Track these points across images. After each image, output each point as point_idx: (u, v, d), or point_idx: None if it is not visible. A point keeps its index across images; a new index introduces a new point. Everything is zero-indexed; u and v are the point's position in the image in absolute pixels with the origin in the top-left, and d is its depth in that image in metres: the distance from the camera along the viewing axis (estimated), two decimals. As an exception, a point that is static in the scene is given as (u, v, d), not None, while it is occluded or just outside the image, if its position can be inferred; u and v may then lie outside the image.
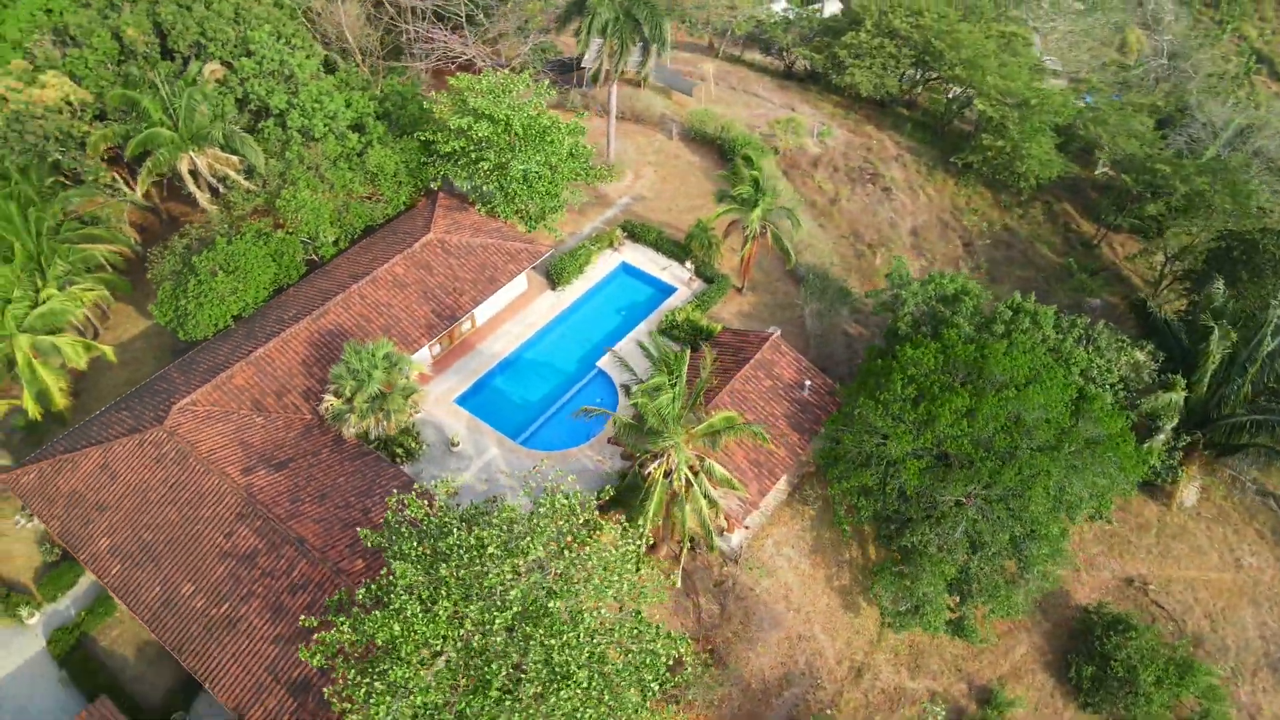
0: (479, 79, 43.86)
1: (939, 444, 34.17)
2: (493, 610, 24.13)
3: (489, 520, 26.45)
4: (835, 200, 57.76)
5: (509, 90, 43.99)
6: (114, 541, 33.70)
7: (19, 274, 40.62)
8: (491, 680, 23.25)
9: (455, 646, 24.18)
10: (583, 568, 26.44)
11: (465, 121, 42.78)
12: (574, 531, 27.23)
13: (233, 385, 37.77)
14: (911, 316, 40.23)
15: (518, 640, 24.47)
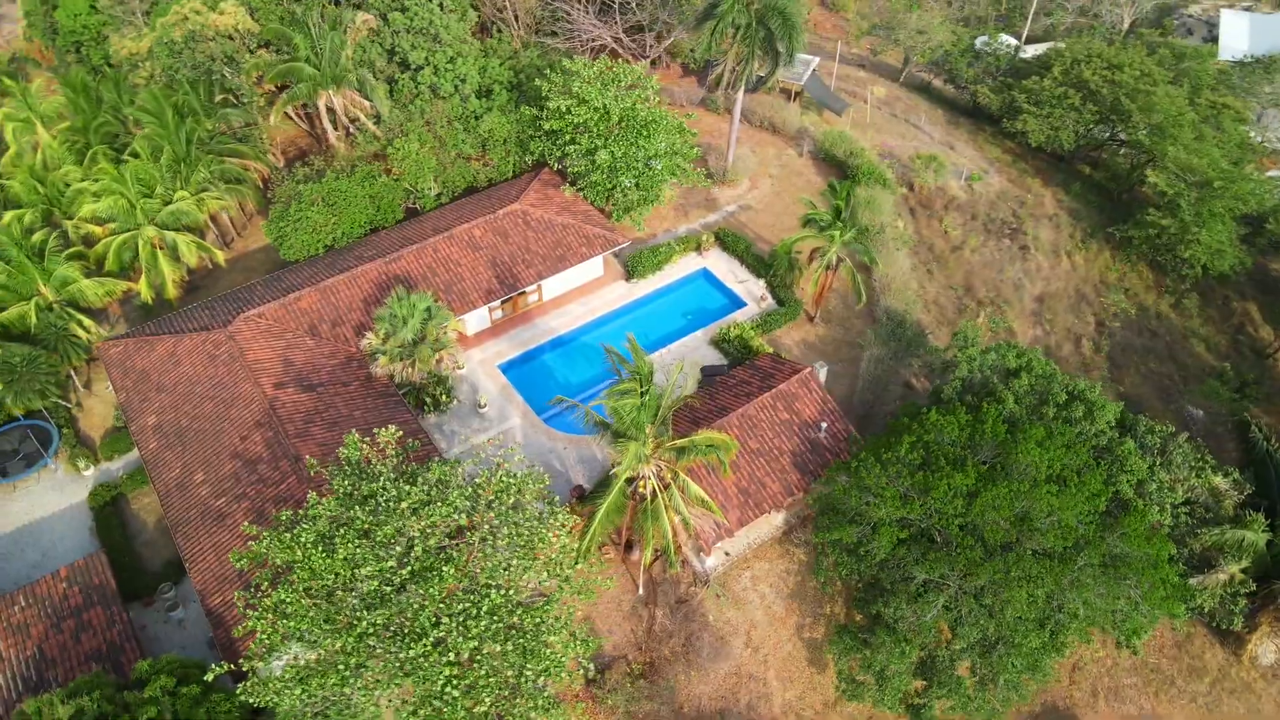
0: (589, 63, 44.82)
1: (927, 518, 32.07)
2: (382, 560, 25.29)
3: (421, 478, 27.59)
4: (958, 248, 54.58)
5: (617, 80, 44.69)
6: (159, 420, 37.80)
7: (163, 173, 45.86)
8: (356, 625, 24.47)
9: (344, 585, 25.58)
10: (496, 543, 27.07)
11: (566, 103, 43.96)
12: (502, 511, 27.88)
13: (298, 307, 41.12)
14: (962, 382, 37.69)
15: (409, 597, 25.52)
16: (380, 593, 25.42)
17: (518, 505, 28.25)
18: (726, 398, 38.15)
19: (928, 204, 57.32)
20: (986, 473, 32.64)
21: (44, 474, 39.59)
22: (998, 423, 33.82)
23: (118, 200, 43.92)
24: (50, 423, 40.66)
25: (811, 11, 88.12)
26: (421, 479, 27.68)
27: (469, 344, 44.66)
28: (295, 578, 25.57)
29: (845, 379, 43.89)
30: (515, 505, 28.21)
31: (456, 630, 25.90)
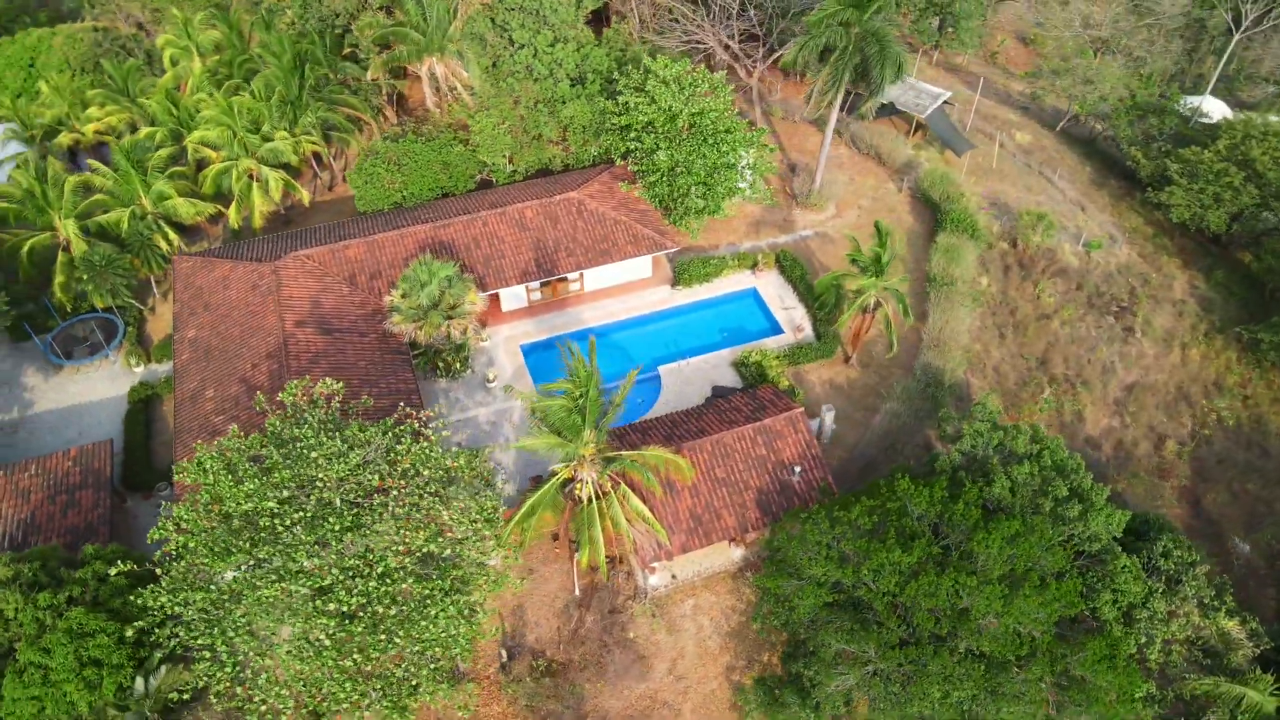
0: (670, 63, 44.53)
1: (856, 588, 30.19)
2: (277, 498, 26.65)
3: (342, 434, 28.74)
4: (1046, 317, 50.41)
5: (694, 84, 44.22)
6: (196, 335, 41.17)
7: (272, 111, 49.58)
8: (235, 551, 25.93)
9: (241, 515, 27.13)
10: (393, 510, 27.88)
11: (635, 100, 43.96)
12: (420, 482, 28.67)
13: (344, 254, 43.52)
14: (962, 455, 35.05)
15: (294, 538, 26.77)
16: (273, 529, 26.75)
17: (454, 481, 28.91)
18: (710, 420, 37.25)
19: (1028, 264, 53.22)
20: (939, 556, 30.34)
21: (103, 364, 44.05)
22: (973, 506, 31.30)
23: (224, 131, 47.89)
24: (119, 320, 45.08)
25: (1004, 43, 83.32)
26: (342, 436, 28.79)
27: (501, 319, 45.76)
28: (198, 499, 27.33)
29: (860, 428, 41.77)
30: (451, 481, 28.90)
31: (342, 585, 26.90)
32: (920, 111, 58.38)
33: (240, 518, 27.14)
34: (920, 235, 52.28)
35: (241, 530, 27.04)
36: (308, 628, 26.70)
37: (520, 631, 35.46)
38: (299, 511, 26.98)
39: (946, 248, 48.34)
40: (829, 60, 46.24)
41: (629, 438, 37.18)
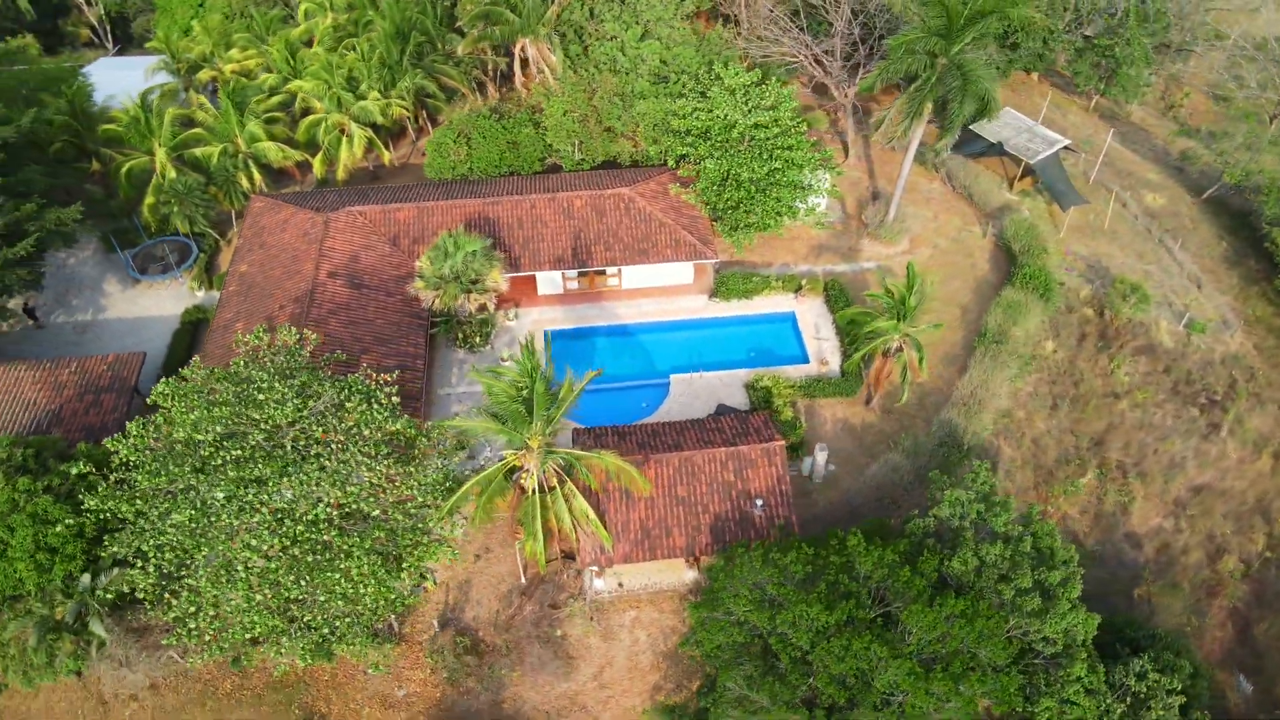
0: (740, 70, 43.60)
1: (769, 634, 28.94)
2: (217, 436, 28.29)
3: (290, 383, 30.02)
4: (1115, 396, 46.31)
5: (762, 95, 43.14)
6: (246, 270, 44.00)
7: (372, 73, 52.09)
8: (162, 474, 27.72)
9: (184, 442, 28.92)
10: (322, 463, 29.01)
11: (693, 105, 43.39)
12: (356, 441, 29.71)
13: (394, 216, 45.32)
14: (937, 521, 32.85)
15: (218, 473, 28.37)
16: (201, 458, 28.41)
17: (403, 447, 29.95)
18: (688, 436, 36.49)
19: (1110, 336, 48.95)
20: (869, 620, 28.67)
21: (172, 283, 47.84)
22: (921, 576, 29.39)
23: (320, 85, 50.72)
24: (194, 246, 48.73)
25: (1189, 97, 76.53)
26: (300, 384, 30.12)
27: (535, 302, 46.42)
28: (155, 419, 29.32)
29: (860, 474, 39.80)
30: (397, 446, 29.94)
31: (266, 525, 28.31)
32: (1030, 156, 54.57)
33: (183, 444, 28.91)
34: (992, 286, 49.01)
35: (183, 456, 28.80)
36: (229, 556, 28.22)
37: (461, 606, 36.07)
38: (238, 449, 28.46)
39: (1009, 303, 45.14)
40: (908, 89, 43.99)
41: (606, 438, 36.97)
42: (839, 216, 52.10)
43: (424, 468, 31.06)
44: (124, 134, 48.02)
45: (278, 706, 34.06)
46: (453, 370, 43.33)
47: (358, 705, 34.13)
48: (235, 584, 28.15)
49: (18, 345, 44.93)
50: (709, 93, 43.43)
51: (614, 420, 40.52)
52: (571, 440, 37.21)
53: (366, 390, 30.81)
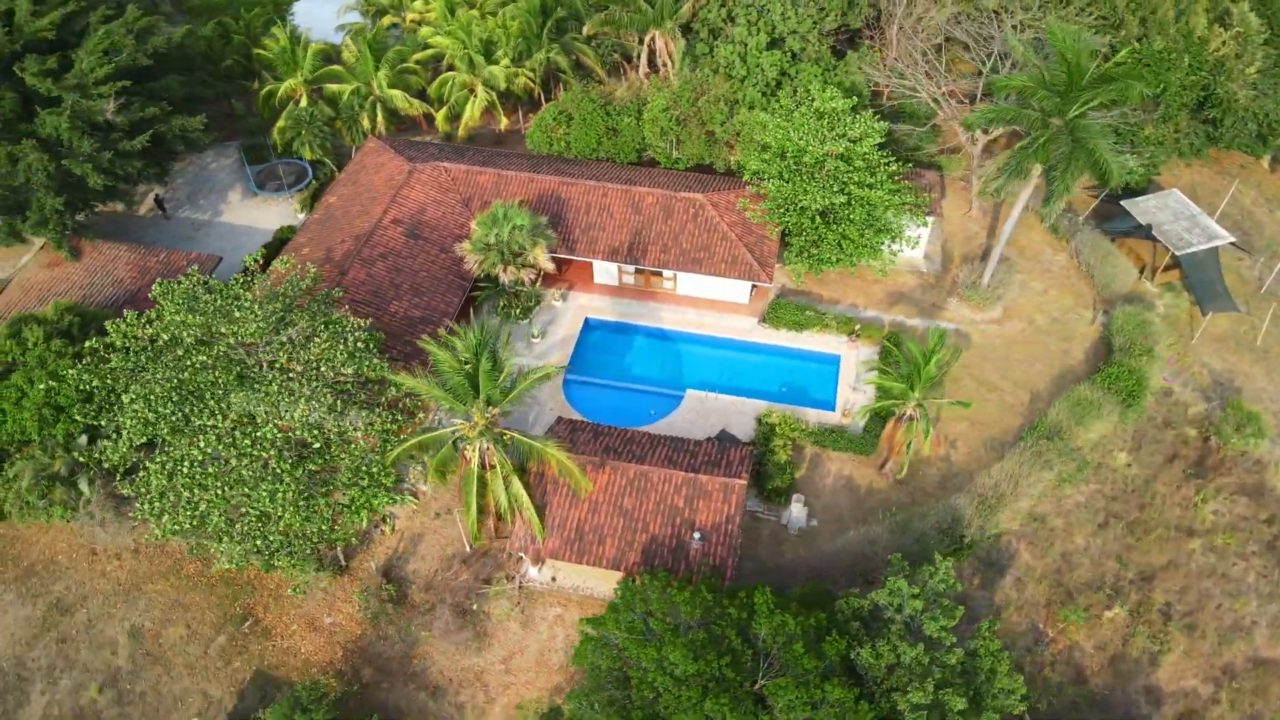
0: (835, 95, 41.47)
1: (635, 667, 27.95)
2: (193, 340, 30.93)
3: (268, 307, 32.04)
4: (1187, 531, 40.62)
5: (851, 125, 40.90)
6: (334, 202, 47.17)
7: (510, 40, 54.00)
8: (140, 365, 30.61)
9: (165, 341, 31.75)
10: (274, 383, 30.94)
11: (774, 122, 41.82)
12: (314, 377, 31.44)
13: (475, 178, 47.01)
14: (872, 605, 30.32)
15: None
16: (176, 356, 31.09)
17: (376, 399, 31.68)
18: (659, 451, 35.63)
19: (1209, 465, 42.83)
20: (737, 684, 27.09)
21: (283, 201, 52.08)
22: (809, 658, 27.37)
23: (457, 44, 53.20)
24: (311, 171, 52.75)
25: None
26: (267, 307, 32.10)
27: (588, 288, 46.72)
28: (146, 315, 32.29)
29: (839, 535, 37.30)
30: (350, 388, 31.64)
31: (212, 429, 30.68)
32: (1180, 247, 48.37)
33: (165, 341, 31.70)
34: (1078, 379, 43.99)
35: (162, 350, 31.60)
36: (174, 450, 30.82)
37: (407, 557, 37.28)
38: (205, 355, 30.88)
39: (1080, 400, 40.47)
40: (1016, 146, 40.20)
41: (582, 433, 36.86)
42: (935, 268, 48.60)
43: (378, 415, 32.24)
44: (274, 60, 52.57)
45: (224, 599, 36.76)
46: (484, 335, 44.47)
47: (289, 620, 36.20)
48: (178, 477, 30.59)
49: (144, 230, 50.66)
50: (795, 112, 41.66)
51: (614, 418, 40.27)
52: (550, 425, 37.31)
53: (338, 329, 32.31)
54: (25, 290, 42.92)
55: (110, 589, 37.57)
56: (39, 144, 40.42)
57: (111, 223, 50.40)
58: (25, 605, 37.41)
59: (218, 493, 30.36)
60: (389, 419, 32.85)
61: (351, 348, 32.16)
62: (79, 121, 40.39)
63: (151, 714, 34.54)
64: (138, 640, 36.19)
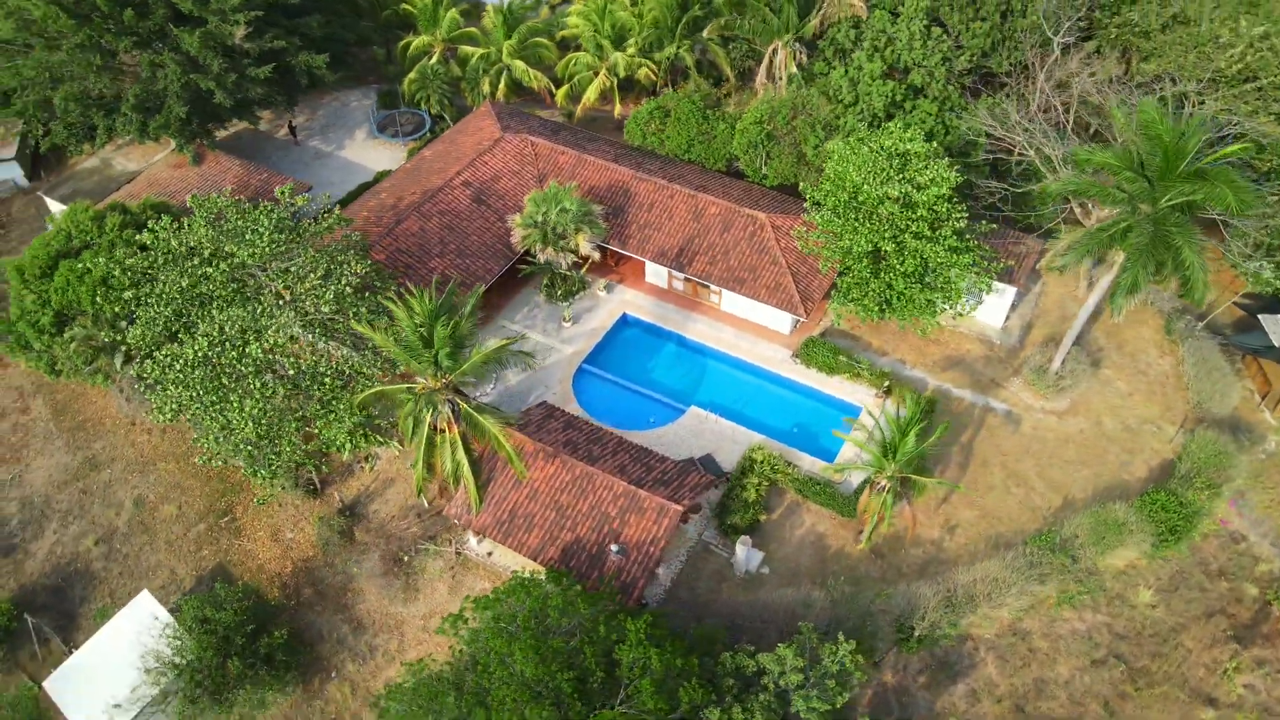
0: (915, 138, 38.85)
1: (483, 657, 28.10)
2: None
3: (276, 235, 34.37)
4: (1202, 699, 35.48)
5: (920, 169, 38.26)
6: (428, 155, 49.65)
7: (641, 33, 54.41)
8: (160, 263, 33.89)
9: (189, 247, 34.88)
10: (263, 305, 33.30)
11: (837, 149, 39.79)
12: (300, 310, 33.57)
13: (556, 157, 47.96)
14: (756, 669, 28.75)
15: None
16: (191, 265, 34.18)
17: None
18: (618, 457, 35.25)
19: (1261, 633, 37.13)
20: (571, 699, 26.69)
21: (396, 147, 55.34)
22: (655, 699, 26.51)
23: (588, 28, 54.22)
24: (429, 123, 55.68)
25: None
26: (275, 235, 34.44)
27: (636, 285, 46.67)
28: (178, 220, 35.56)
29: (780, 590, 35.41)
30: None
31: (208, 340, 33.56)
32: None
33: (187, 249, 34.84)
34: (1126, 497, 39.05)
35: (180, 257, 34.74)
36: (172, 348, 33.95)
37: (374, 498, 39.07)
38: (211, 268, 33.73)
39: (1104, 519, 36.09)
40: (1095, 226, 36.16)
41: (551, 420, 37.10)
42: (1010, 342, 44.64)
43: (363, 358, 33.95)
44: (417, 16, 55.74)
45: (214, 492, 40.11)
46: (521, 310, 45.51)
47: (258, 526, 38.99)
48: (170, 372, 33.64)
49: (272, 150, 55.62)
50: (860, 146, 39.42)
51: (613, 416, 40.29)
52: (528, 407, 37.84)
53: (336, 271, 34.19)
54: (148, 183, 48.26)
55: (134, 458, 41.90)
56: (180, 57, 45.11)
57: (248, 138, 55.62)
58: (68, 454, 42.44)
59: (195, 393, 33.05)
60: (367, 363, 34.38)
61: (339, 289, 33.91)
62: (210, 42, 44.70)
63: (127, 575, 38.33)
64: (139, 508, 40.19)
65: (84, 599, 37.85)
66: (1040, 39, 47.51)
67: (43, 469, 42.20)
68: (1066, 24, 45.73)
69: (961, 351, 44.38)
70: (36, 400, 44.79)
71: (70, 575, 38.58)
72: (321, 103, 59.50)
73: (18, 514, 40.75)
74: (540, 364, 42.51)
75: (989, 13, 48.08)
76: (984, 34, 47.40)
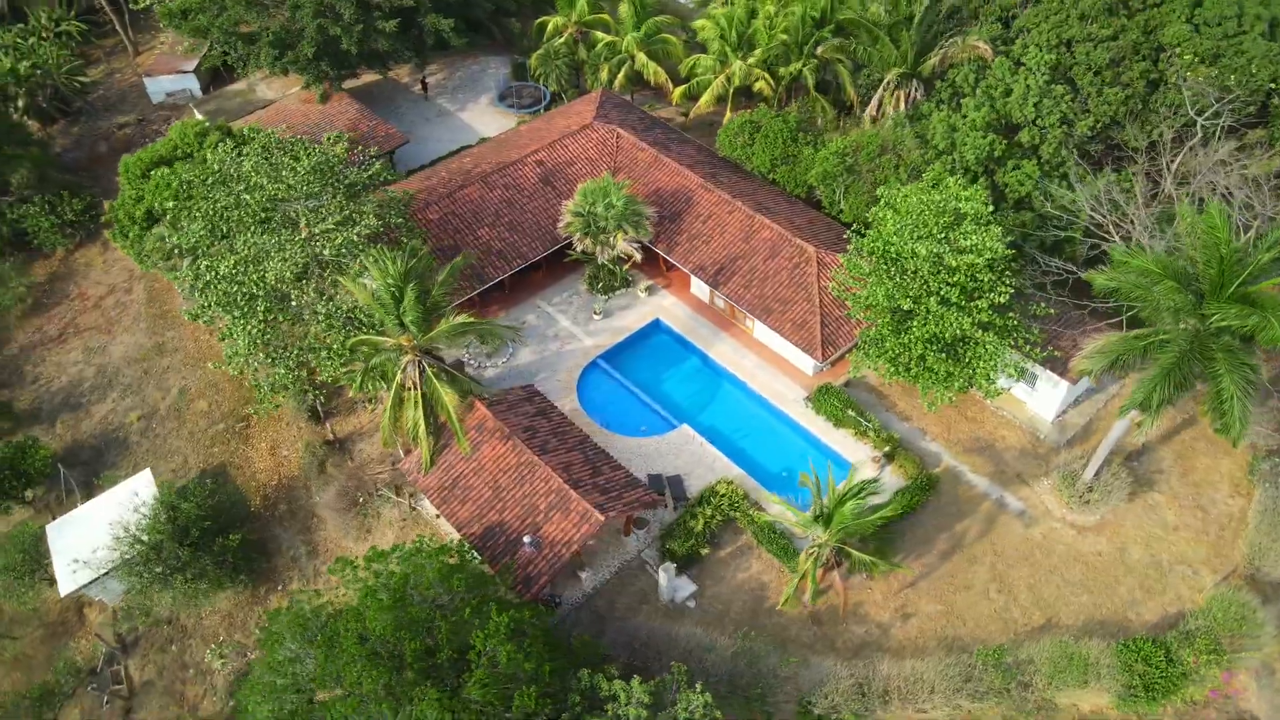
0: (977, 194, 35.97)
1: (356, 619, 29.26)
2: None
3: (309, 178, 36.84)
4: None
5: (965, 233, 35.44)
6: (521, 130, 51.29)
7: (768, 45, 53.36)
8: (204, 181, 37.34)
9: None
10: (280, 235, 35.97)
11: (890, 196, 37.51)
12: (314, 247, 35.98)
13: (635, 153, 48.13)
14: (609, 694, 28.30)
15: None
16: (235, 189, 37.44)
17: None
18: (569, 454, 35.35)
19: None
20: (412, 667, 27.41)
21: (509, 117, 57.44)
22: (493, 693, 26.80)
23: (714, 31, 53.71)
24: (546, 98, 57.33)
25: None
26: (309, 177, 36.91)
27: (679, 294, 46.27)
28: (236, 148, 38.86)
29: (690, 625, 34.30)
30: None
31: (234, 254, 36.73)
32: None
33: (236, 171, 38.10)
34: (1122, 636, 34.71)
35: (226, 180, 37.98)
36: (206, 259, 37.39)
37: (363, 436, 41.26)
38: (248, 195, 36.75)
39: (1068, 653, 32.28)
40: (1131, 333, 32.21)
41: (526, 405, 37.70)
42: (1058, 440, 40.61)
43: (350, 301, 36.01)
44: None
45: (240, 398, 43.78)
46: (561, 294, 46.27)
47: (263, 438, 42.26)
48: (200, 278, 37.01)
49: (401, 100, 59.40)
50: (910, 196, 36.89)
51: (609, 416, 40.53)
52: (515, 386, 38.76)
53: (353, 218, 36.30)
54: (276, 113, 52.89)
55: (191, 352, 46.44)
56: (316, 3, 49.00)
57: (386, 87, 59.67)
58: (146, 336, 47.65)
59: (212, 302, 36.23)
60: (362, 310, 36.30)
61: (348, 236, 35.92)
62: (344, -9, 48.35)
63: (151, 453, 42.71)
64: (180, 397, 44.59)
65: (113, 464, 42.53)
66: (1184, 120, 42.66)
67: (123, 345, 47.60)
68: (1228, 104, 40.67)
69: (995, 436, 40.83)
70: (140, 285, 50.47)
71: (110, 441, 43.44)
72: (463, 64, 62.60)
73: (92, 378, 46.25)
74: (561, 352, 43.15)
75: (1132, 79, 43.62)
76: (1118, 101, 43.05)
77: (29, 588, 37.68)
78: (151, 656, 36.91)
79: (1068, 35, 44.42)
